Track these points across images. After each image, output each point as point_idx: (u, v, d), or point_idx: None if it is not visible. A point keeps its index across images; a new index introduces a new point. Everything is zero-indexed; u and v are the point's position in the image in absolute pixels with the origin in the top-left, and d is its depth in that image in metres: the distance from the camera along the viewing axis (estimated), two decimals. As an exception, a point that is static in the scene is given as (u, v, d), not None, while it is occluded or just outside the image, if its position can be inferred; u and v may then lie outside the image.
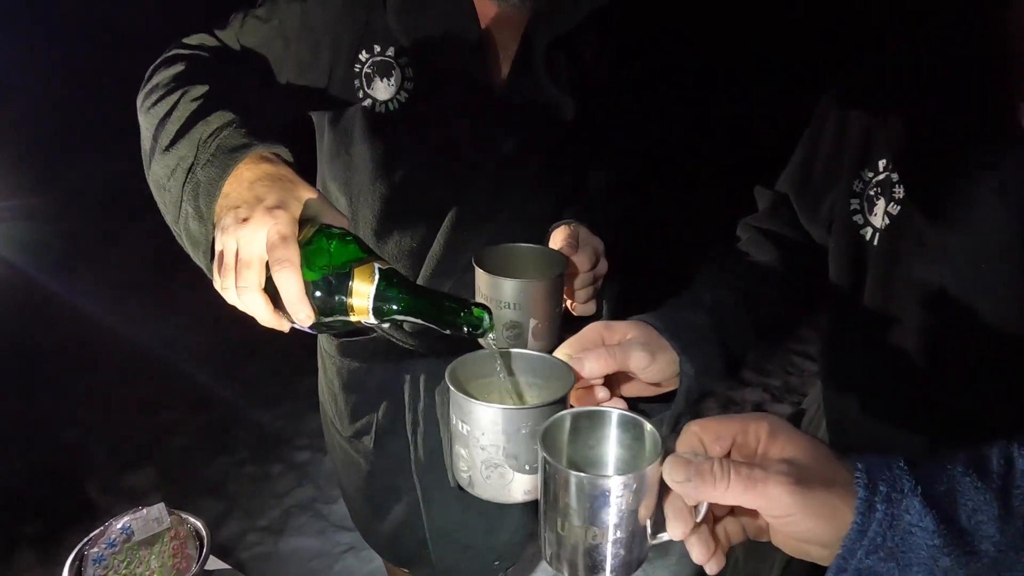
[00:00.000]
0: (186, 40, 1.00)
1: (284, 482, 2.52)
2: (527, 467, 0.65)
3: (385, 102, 1.06)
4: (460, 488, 0.71)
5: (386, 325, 0.70)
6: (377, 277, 0.66)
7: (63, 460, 2.48)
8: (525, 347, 0.88)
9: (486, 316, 0.68)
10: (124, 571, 1.06)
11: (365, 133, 1.08)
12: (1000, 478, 0.50)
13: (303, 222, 0.69)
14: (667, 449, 0.54)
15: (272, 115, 1.02)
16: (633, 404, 0.76)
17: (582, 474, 0.53)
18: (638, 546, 0.56)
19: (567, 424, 0.61)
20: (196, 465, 2.59)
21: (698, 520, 0.53)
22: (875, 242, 0.80)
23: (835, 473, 0.49)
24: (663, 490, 0.54)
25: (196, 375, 2.81)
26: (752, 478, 0.48)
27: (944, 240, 0.72)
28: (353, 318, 0.67)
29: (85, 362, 2.74)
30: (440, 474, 1.32)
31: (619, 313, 1.13)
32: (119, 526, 1.14)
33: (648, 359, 0.70)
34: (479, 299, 0.90)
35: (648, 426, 0.58)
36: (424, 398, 1.29)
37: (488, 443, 0.64)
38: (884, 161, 0.79)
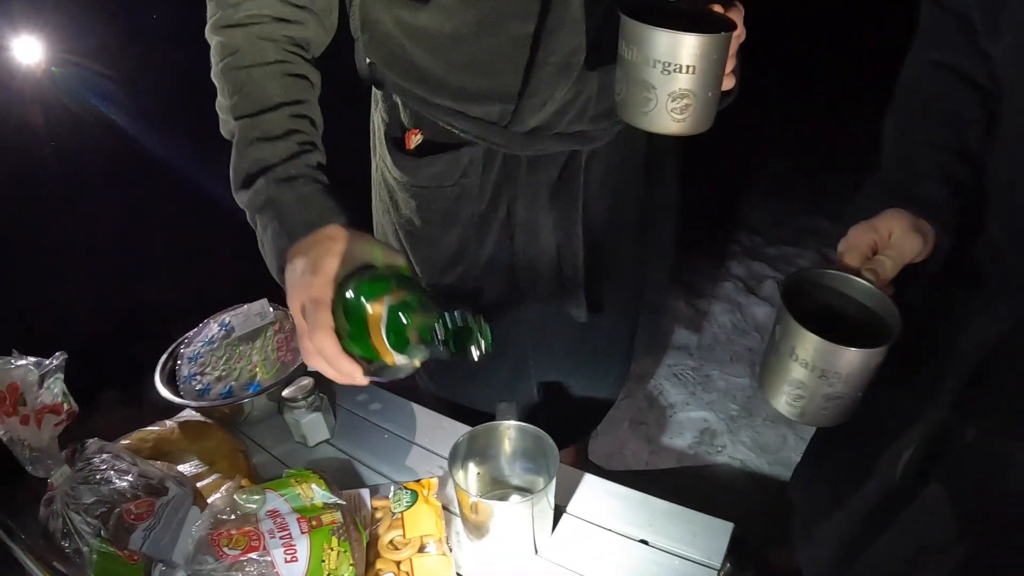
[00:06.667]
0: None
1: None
2: (860, 395, 0.65)
3: None
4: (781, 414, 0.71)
5: (418, 362, 0.64)
6: (386, 314, 0.60)
7: (141, 308, 2.46)
8: (691, 124, 0.71)
9: (477, 328, 0.60)
10: (223, 367, 0.97)
11: None
12: None
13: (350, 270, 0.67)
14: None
15: None
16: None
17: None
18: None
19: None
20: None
21: None
22: None
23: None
24: None
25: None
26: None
27: None
28: (391, 363, 0.64)
29: (160, 214, 2.68)
30: (550, 325, 1.13)
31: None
32: (217, 323, 1.05)
33: (921, 244, 0.72)
34: (629, 61, 0.70)
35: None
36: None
37: (838, 381, 0.63)
38: None
